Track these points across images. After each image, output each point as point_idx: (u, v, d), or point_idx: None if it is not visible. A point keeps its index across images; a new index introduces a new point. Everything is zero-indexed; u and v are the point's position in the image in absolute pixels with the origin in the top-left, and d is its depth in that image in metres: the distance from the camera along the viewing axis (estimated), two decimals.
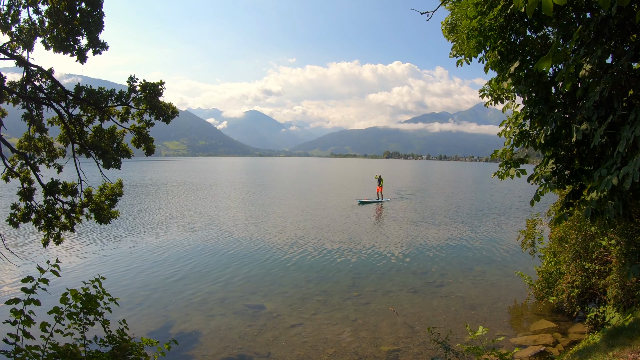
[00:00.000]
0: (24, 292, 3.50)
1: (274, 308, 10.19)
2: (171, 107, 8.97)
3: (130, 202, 29.97)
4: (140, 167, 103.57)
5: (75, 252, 15.33)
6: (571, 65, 4.18)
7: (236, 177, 70.07)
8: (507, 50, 5.77)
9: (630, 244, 6.97)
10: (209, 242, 17.37)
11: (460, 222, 23.64)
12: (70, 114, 8.90)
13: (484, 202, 34.66)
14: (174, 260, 14.42)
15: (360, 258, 14.93)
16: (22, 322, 3.43)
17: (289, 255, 15.15)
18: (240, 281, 12.21)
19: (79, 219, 9.47)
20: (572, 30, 5.04)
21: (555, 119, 4.95)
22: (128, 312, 9.69)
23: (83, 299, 4.01)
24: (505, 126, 6.50)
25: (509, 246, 17.16)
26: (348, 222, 22.90)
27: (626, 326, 6.30)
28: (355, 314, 9.85)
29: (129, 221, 22.02)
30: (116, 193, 9.67)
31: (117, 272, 12.97)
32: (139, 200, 32.34)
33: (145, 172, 79.34)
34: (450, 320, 9.53)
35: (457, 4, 6.24)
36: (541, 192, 5.80)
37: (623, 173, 3.59)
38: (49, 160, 9.40)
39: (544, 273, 10.10)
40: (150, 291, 11.30)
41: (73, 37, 7.93)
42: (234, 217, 24.46)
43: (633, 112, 3.67)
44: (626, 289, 7.56)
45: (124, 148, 9.27)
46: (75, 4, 7.67)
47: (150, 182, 53.29)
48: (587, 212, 4.24)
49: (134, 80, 8.49)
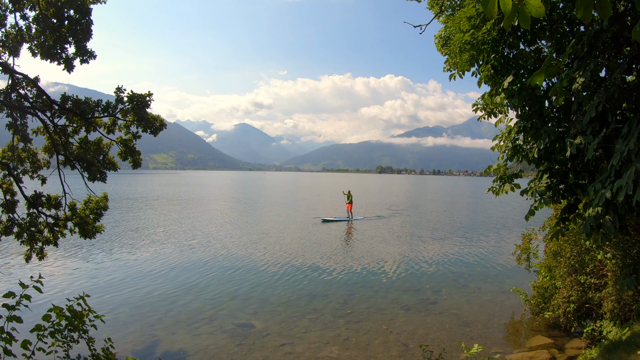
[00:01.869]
0: (5, 308, 3.43)
1: (263, 326, 10.06)
2: (159, 119, 8.94)
3: (115, 217, 29.61)
4: (126, 180, 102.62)
5: (59, 268, 15.02)
6: (564, 79, 4.28)
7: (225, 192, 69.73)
8: (500, 64, 5.88)
9: (626, 257, 7.06)
10: (196, 259, 17.16)
11: (455, 237, 23.71)
12: (56, 124, 8.83)
13: (478, 217, 34.88)
14: (160, 277, 14.20)
15: (352, 275, 14.85)
16: (3, 339, 3.35)
17: (278, 272, 15.01)
18: (229, 299, 12.05)
19: (62, 233, 9.32)
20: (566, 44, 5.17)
21: (549, 133, 5.03)
22: (113, 330, 9.47)
23: (67, 316, 3.94)
24: (499, 140, 6.60)
25: (504, 261, 17.23)
26: (340, 239, 22.87)
27: (623, 340, 6.34)
28: (347, 333, 9.76)
29: (114, 236, 21.76)
30: (101, 207, 9.55)
31: (102, 288, 12.73)
32: (123, 215, 31.96)
33: (130, 185, 78.64)
34: (445, 338, 9.49)
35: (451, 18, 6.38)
36: (536, 207, 5.87)
37: (617, 186, 3.66)
38: (32, 172, 9.27)
39: (539, 288, 10.13)
40: (136, 308, 11.08)
41: (60, 45, 7.92)
42: (221, 233, 24.27)
43: (626, 125, 3.76)
44: (622, 303, 7.62)
45: (110, 160, 9.18)
46: (63, 11, 7.68)
47: (134, 196, 52.80)
48: (585, 228, 4.29)
49: (121, 91, 8.46)
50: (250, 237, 22.57)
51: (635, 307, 7.35)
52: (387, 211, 38.22)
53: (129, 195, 52.26)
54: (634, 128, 3.63)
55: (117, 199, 45.44)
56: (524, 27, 2.22)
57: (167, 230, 24.32)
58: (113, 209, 33.20)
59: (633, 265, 6.44)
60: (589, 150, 4.13)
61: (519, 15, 2.19)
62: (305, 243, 20.86)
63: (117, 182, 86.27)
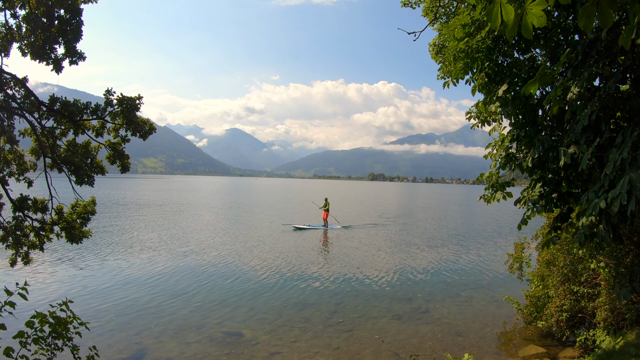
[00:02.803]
0: None
1: (252, 335, 9.96)
2: (148, 122, 8.87)
3: (103, 222, 29.27)
4: (114, 184, 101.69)
5: (44, 273, 14.77)
6: (558, 88, 4.33)
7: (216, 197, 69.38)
8: (494, 73, 5.93)
9: (619, 265, 7.12)
10: (184, 265, 16.99)
11: (447, 246, 23.79)
12: (43, 126, 8.72)
13: (470, 226, 35.05)
14: (148, 284, 14.03)
15: (343, 283, 14.80)
16: None
17: (267, 280, 14.91)
18: (217, 306, 11.93)
19: (49, 238, 9.16)
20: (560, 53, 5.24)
21: (543, 142, 5.08)
22: (98, 337, 9.32)
23: (51, 323, 3.86)
24: (492, 149, 6.65)
25: (497, 270, 17.30)
26: (330, 247, 22.85)
27: (617, 349, 6.38)
28: (337, 342, 9.70)
29: (101, 242, 21.49)
30: (89, 211, 9.41)
31: (87, 294, 12.53)
32: (111, 220, 31.61)
33: (118, 190, 77.97)
34: (437, 347, 9.47)
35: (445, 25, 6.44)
36: (529, 215, 5.91)
37: (611, 196, 3.69)
38: (19, 174, 9.13)
39: (532, 297, 10.19)
40: (123, 315, 10.92)
41: (50, 45, 7.84)
42: (211, 239, 24.10)
43: (620, 134, 3.81)
44: (616, 312, 7.67)
45: (98, 164, 9.08)
46: (54, 10, 7.61)
47: (123, 201, 52.31)
48: (579, 237, 4.32)
49: (110, 94, 8.37)
50: (242, 244, 22.42)
51: (628, 316, 7.40)
52: (378, 219, 38.26)
53: (117, 200, 51.73)
54: (628, 137, 3.68)
55: (105, 203, 44.96)
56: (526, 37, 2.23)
57: (155, 237, 24.07)
58: (101, 213, 32.88)
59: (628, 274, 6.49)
60: (583, 160, 4.17)
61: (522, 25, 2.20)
62: (295, 251, 20.78)
63: (105, 186, 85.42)
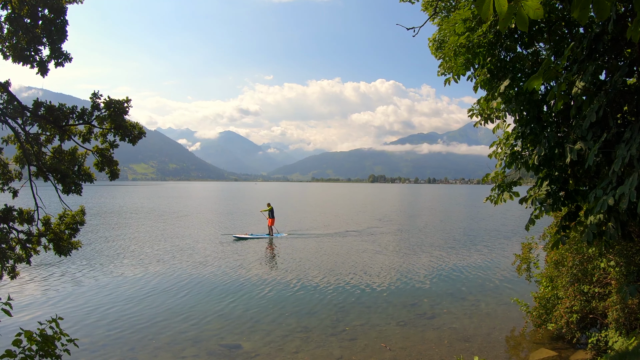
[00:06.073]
0: None
1: (251, 347, 9.92)
2: (138, 126, 8.82)
3: (92, 233, 29.19)
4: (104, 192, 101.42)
5: (31, 287, 14.70)
6: (563, 83, 4.34)
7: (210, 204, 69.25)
8: (496, 68, 5.93)
9: (630, 264, 7.13)
10: (177, 276, 16.94)
11: (452, 248, 23.82)
12: (28, 132, 8.67)
13: (476, 227, 35.09)
14: (140, 296, 13.96)
15: (344, 291, 14.76)
16: None
17: (266, 290, 14.87)
18: (214, 318, 11.88)
19: (36, 250, 9.10)
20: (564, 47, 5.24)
21: (549, 139, 5.07)
22: (89, 355, 9.25)
23: (38, 341, 3.84)
24: (496, 147, 6.64)
25: (504, 272, 17.32)
26: (330, 254, 22.81)
27: (630, 350, 6.38)
28: (340, 351, 9.67)
29: (91, 254, 21.42)
30: (77, 221, 9.35)
31: (77, 309, 12.45)
32: (100, 231, 31.53)
33: (107, 198, 77.74)
34: (444, 354, 9.46)
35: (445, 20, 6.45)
36: (536, 215, 5.91)
37: (619, 193, 3.69)
38: (3, 184, 9.07)
39: (541, 299, 10.19)
40: (115, 330, 10.84)
41: (34, 46, 7.80)
42: (205, 249, 24.11)
43: (628, 130, 3.81)
44: (628, 312, 7.68)
45: (86, 171, 9.01)
46: (37, 10, 7.58)
47: (112, 209, 52.17)
48: (587, 236, 4.32)
49: (97, 97, 8.31)
50: (237, 254, 22.39)
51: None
52: (380, 222, 38.28)
53: (107, 209, 51.58)
54: (636, 132, 3.69)
55: (94, 213, 44.79)
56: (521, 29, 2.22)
57: (149, 248, 24.03)
58: (90, 224, 32.75)
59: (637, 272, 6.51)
60: (589, 156, 4.17)
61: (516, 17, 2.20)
62: (293, 259, 20.76)
63: (94, 195, 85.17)
